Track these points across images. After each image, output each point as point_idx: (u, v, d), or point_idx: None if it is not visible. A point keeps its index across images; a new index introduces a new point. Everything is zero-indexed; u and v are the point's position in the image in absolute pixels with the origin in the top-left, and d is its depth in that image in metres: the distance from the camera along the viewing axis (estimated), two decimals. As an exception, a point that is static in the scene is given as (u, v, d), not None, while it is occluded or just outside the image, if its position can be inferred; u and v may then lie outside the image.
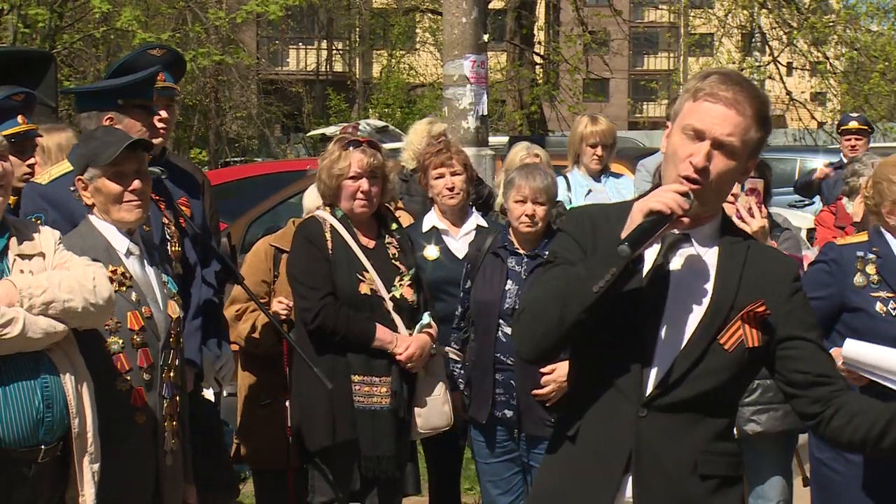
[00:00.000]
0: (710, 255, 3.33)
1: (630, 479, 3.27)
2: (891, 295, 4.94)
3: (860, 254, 5.03)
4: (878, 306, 4.93)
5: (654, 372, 3.26)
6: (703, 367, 3.25)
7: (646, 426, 3.25)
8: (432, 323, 5.69)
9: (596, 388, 3.31)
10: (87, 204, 4.65)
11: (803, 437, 5.97)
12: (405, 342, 5.55)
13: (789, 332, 3.32)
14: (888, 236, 5.03)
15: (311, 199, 6.13)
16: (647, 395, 3.25)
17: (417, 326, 5.62)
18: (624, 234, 3.18)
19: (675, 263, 3.31)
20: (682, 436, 3.26)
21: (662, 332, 3.27)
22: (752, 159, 3.32)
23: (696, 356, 3.25)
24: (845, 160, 10.24)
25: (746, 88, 3.28)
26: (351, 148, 5.63)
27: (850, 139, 10.31)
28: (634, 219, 3.19)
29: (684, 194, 3.19)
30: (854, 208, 6.37)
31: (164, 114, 5.61)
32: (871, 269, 5.00)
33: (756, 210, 5.34)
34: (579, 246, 3.34)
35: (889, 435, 3.27)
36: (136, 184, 4.62)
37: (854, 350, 4.71)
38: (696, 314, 3.28)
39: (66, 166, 5.01)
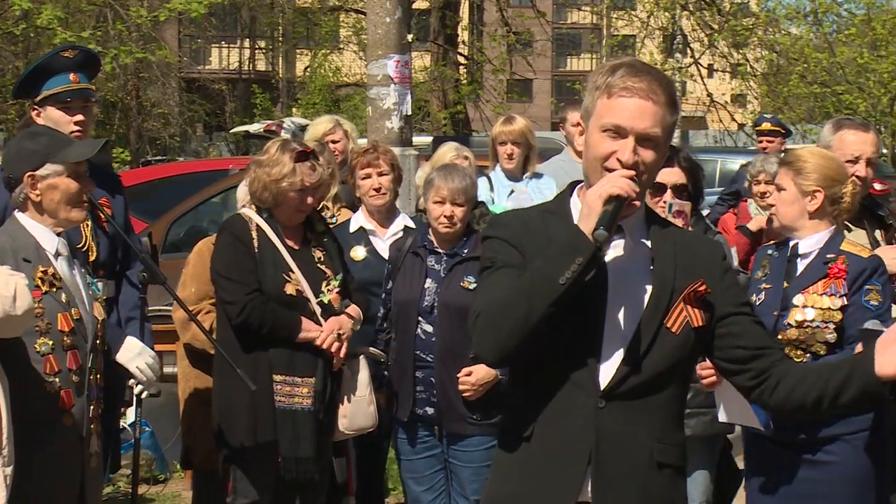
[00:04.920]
0: (642, 244, 3.37)
1: (590, 471, 3.28)
2: (768, 286, 5.13)
3: (769, 251, 5.28)
4: (754, 296, 5.11)
5: (607, 362, 3.28)
6: (654, 352, 3.28)
7: (605, 417, 3.26)
8: (350, 304, 5.68)
9: (548, 386, 3.31)
10: (33, 201, 4.59)
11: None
12: (324, 328, 5.54)
13: (727, 309, 3.37)
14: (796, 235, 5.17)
15: (244, 194, 6.10)
16: (605, 385, 3.26)
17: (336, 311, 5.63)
18: (583, 224, 3.19)
19: (611, 254, 3.34)
20: (640, 423, 3.29)
21: (609, 323, 3.29)
22: (668, 141, 3.35)
23: (648, 342, 3.28)
24: None
25: (655, 75, 3.30)
26: (301, 161, 5.59)
27: (762, 140, 10.44)
28: (594, 207, 3.19)
29: (631, 178, 3.22)
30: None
31: (80, 116, 5.61)
32: (765, 262, 5.24)
33: None
34: (515, 248, 3.35)
35: (847, 390, 3.26)
36: (88, 185, 4.60)
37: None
38: (641, 301, 3.31)
39: None
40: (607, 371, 3.28)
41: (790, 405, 3.37)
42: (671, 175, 5.40)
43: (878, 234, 5.68)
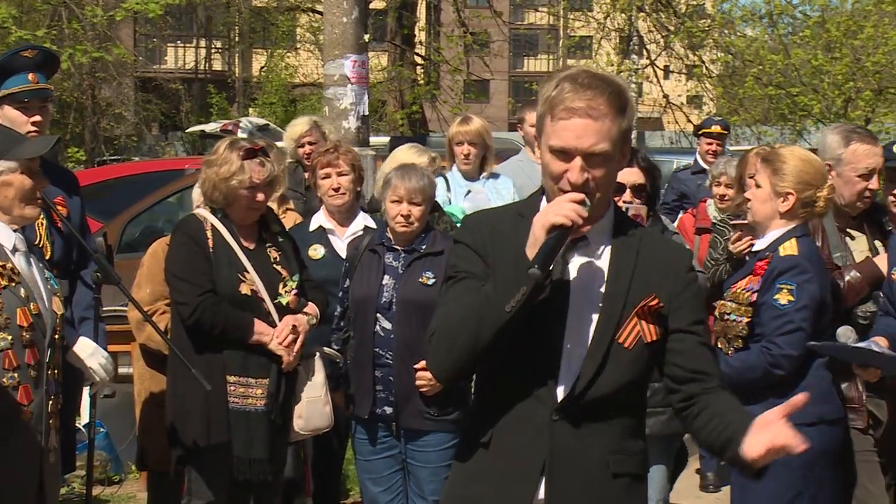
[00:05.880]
0: (606, 254, 3.34)
1: (543, 480, 3.28)
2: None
3: None
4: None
5: (563, 377, 3.27)
6: (608, 369, 3.26)
7: (559, 430, 3.26)
8: (307, 304, 5.67)
9: (508, 395, 3.31)
10: None
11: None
12: (278, 328, 5.53)
13: (677, 325, 3.34)
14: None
15: (199, 194, 6.08)
16: (560, 400, 3.26)
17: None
18: (530, 252, 3.17)
19: (575, 265, 3.32)
20: (594, 438, 3.28)
21: (568, 335, 3.28)
22: (625, 146, 3.30)
23: (600, 358, 3.26)
24: (702, 163, 10.39)
25: (596, 88, 3.22)
26: (249, 159, 5.58)
27: (711, 143, 10.47)
28: (538, 236, 3.17)
29: (580, 202, 3.19)
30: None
31: (37, 117, 5.58)
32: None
33: None
34: (479, 256, 3.33)
35: (727, 451, 3.25)
36: (42, 182, 4.58)
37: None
38: (595, 315, 3.30)
39: None
40: (565, 385, 3.27)
41: (700, 440, 3.39)
42: (630, 175, 5.44)
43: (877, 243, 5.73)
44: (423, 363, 5.65)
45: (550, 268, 3.18)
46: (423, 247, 5.82)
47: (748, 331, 5.18)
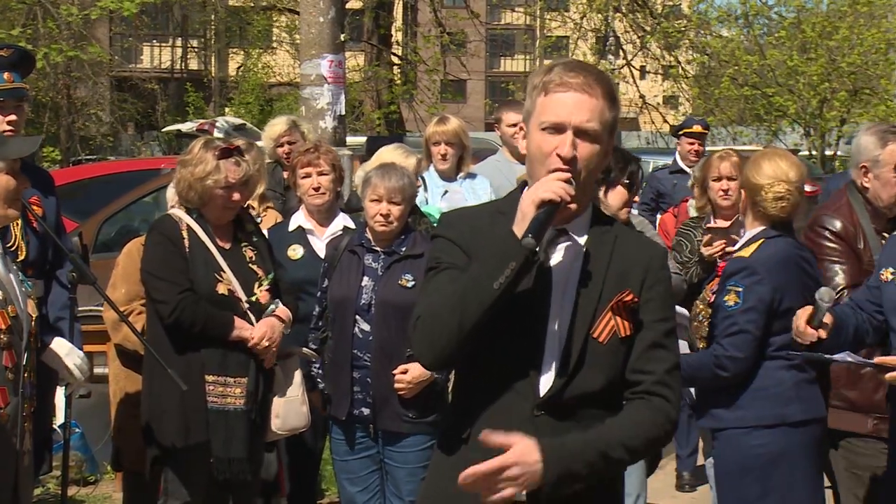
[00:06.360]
0: (583, 248, 3.33)
1: None
2: None
3: None
4: None
5: (545, 371, 3.27)
6: (586, 364, 3.26)
7: (541, 425, 3.24)
8: (280, 307, 5.67)
9: (488, 390, 3.30)
10: None
11: None
12: (256, 328, 5.53)
13: (643, 318, 3.33)
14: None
15: (173, 194, 6.07)
16: (541, 395, 3.26)
17: (265, 314, 5.60)
18: (517, 228, 3.17)
19: (555, 259, 3.32)
20: (574, 433, 3.26)
21: (549, 330, 3.28)
22: (610, 139, 3.33)
23: (577, 353, 3.26)
24: (681, 163, 10.41)
25: (591, 72, 3.30)
26: (224, 158, 5.57)
27: (693, 142, 10.48)
28: (526, 212, 3.18)
29: (567, 181, 3.20)
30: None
31: (13, 116, 5.56)
32: None
33: None
34: (461, 249, 3.33)
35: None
36: (24, 182, 4.56)
37: None
38: (571, 309, 3.29)
39: None
40: (546, 380, 3.27)
41: None
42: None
43: None
44: (402, 367, 5.65)
45: (541, 241, 3.18)
46: (403, 249, 5.80)
47: (709, 331, 5.21)
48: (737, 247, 5.37)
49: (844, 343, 4.87)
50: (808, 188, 7.29)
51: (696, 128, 10.50)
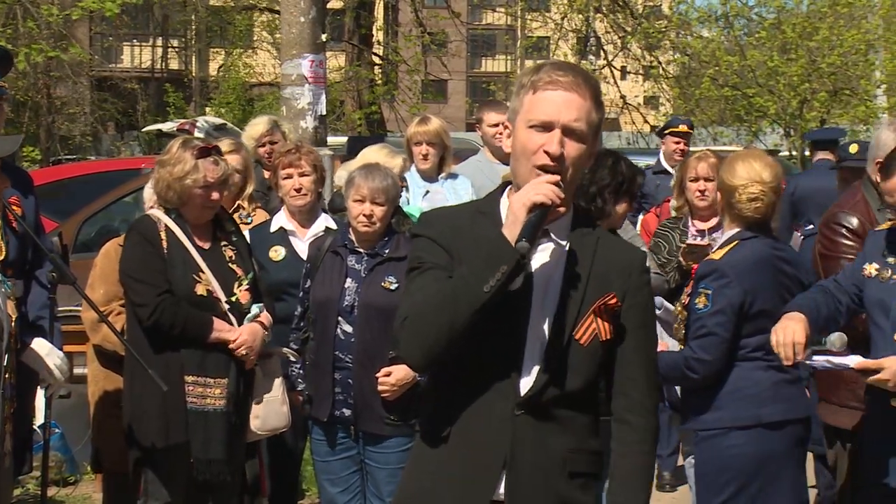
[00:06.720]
0: (565, 250, 3.35)
1: (504, 473, 3.29)
2: None
3: None
4: None
5: (526, 372, 3.28)
6: (568, 365, 3.28)
7: (521, 424, 3.27)
8: (263, 313, 5.66)
9: (469, 390, 3.31)
10: None
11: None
12: (237, 332, 5.52)
13: (625, 325, 3.36)
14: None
15: (150, 195, 6.05)
16: (522, 395, 3.27)
17: (247, 318, 5.59)
18: (507, 231, 3.19)
19: (537, 261, 3.33)
20: (553, 434, 3.30)
21: (531, 331, 3.29)
22: (595, 141, 3.35)
23: (559, 354, 3.28)
24: (665, 163, 10.42)
25: (580, 73, 3.33)
26: (203, 158, 5.55)
27: (679, 142, 10.49)
28: (518, 215, 3.19)
29: (555, 184, 3.21)
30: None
31: None
32: None
33: None
34: (442, 248, 3.34)
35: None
36: (4, 181, 4.55)
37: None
38: (554, 311, 3.31)
39: None
40: (527, 380, 3.29)
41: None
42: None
43: None
44: (385, 370, 5.64)
45: (534, 245, 3.21)
46: (387, 251, 5.79)
47: (685, 334, 5.24)
48: (714, 248, 5.40)
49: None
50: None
51: (682, 127, 10.52)
